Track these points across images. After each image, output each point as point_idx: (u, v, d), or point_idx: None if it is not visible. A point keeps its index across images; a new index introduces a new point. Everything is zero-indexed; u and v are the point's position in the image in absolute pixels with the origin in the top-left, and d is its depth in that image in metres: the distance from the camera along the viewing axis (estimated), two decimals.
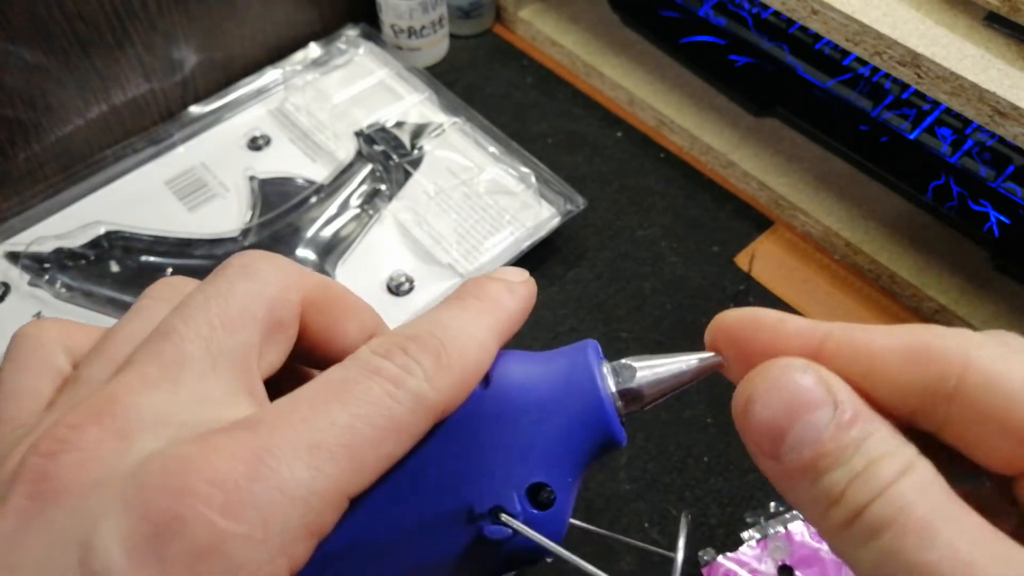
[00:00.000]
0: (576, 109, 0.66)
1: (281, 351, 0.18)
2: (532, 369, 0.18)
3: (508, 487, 0.17)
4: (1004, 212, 0.52)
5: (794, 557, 0.43)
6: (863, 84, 0.57)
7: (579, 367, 0.18)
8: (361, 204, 0.57)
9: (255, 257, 0.18)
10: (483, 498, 0.17)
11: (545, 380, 0.18)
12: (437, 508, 0.17)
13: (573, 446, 0.18)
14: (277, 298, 0.18)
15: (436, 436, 0.17)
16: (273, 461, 0.14)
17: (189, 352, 0.16)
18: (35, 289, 0.52)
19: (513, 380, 0.18)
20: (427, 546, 0.17)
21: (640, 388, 0.19)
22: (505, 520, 0.17)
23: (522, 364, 0.18)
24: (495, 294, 0.19)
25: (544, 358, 0.19)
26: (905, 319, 0.54)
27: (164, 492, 0.14)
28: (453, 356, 0.17)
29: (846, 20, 0.46)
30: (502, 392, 0.18)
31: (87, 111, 0.57)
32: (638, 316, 0.53)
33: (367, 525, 0.17)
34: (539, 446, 0.18)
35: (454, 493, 0.17)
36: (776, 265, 0.56)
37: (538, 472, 0.17)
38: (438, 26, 0.66)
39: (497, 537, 0.17)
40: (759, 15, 0.61)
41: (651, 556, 0.33)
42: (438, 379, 0.17)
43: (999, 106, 0.42)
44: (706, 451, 0.48)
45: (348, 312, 0.20)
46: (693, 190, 0.61)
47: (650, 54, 0.67)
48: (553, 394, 0.18)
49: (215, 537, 0.14)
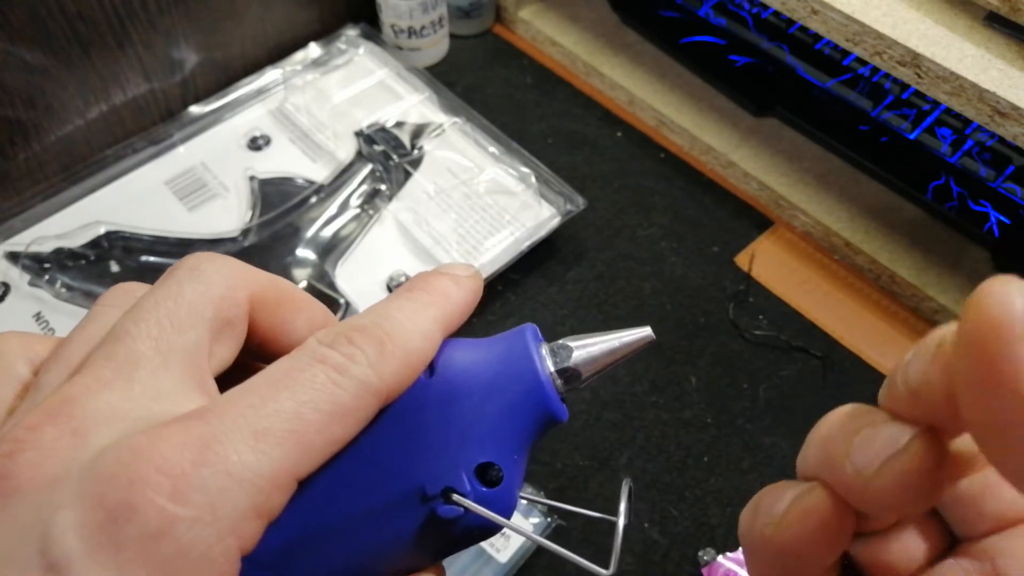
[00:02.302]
0: (576, 109, 0.66)
1: (231, 348, 0.19)
2: (475, 355, 0.19)
3: (457, 468, 0.18)
4: (1004, 212, 0.52)
5: None
6: (863, 84, 0.57)
7: (518, 350, 0.20)
8: (361, 204, 0.57)
9: (202, 259, 0.19)
10: (434, 480, 0.18)
11: (487, 364, 0.19)
12: (389, 491, 0.18)
13: (517, 425, 0.19)
14: (224, 297, 0.19)
15: (384, 422, 0.18)
16: (220, 447, 0.15)
17: (141, 352, 0.17)
18: (35, 289, 0.52)
19: (457, 366, 0.19)
20: (380, 528, 0.18)
21: (577, 367, 0.20)
22: (456, 500, 0.18)
23: (465, 350, 0.20)
24: (441, 287, 0.20)
25: (486, 344, 0.20)
26: (905, 319, 0.54)
27: (116, 481, 0.15)
28: (397, 344, 0.18)
29: (846, 20, 0.46)
30: (447, 378, 0.19)
31: (87, 111, 0.57)
32: (638, 316, 0.53)
33: (319, 509, 0.17)
34: (484, 427, 0.19)
35: (405, 476, 0.18)
36: (776, 265, 0.56)
37: (485, 452, 0.18)
38: (438, 26, 0.66)
39: (450, 516, 0.18)
40: (759, 15, 0.61)
41: (599, 524, 0.34)
42: (382, 366, 0.17)
43: (999, 106, 0.42)
44: (706, 451, 0.48)
45: (297, 308, 0.21)
46: (693, 190, 0.61)
47: (650, 54, 0.67)
48: (495, 377, 0.19)
49: (164, 521, 0.15)
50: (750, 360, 0.52)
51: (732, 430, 0.49)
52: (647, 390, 0.50)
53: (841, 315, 0.54)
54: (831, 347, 0.52)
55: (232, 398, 0.16)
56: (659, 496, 0.46)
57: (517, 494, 0.19)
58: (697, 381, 0.51)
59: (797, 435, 0.49)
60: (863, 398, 0.57)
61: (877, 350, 0.52)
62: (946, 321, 0.59)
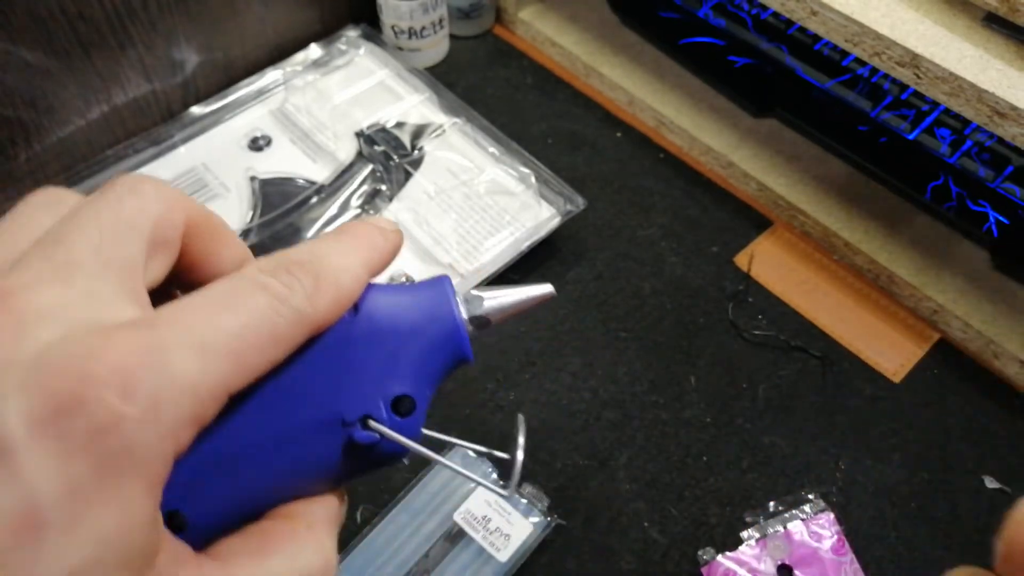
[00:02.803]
0: (576, 110, 0.66)
1: (163, 267, 0.20)
2: (396, 299, 0.22)
3: (376, 398, 0.20)
4: (1003, 212, 0.52)
5: (793, 556, 0.43)
6: (862, 85, 0.57)
7: (438, 297, 0.22)
8: (362, 204, 0.57)
9: (141, 179, 0.20)
10: (353, 408, 0.20)
11: (408, 308, 0.21)
12: (309, 416, 0.20)
13: (431, 364, 0.21)
14: (162, 216, 0.19)
15: (310, 353, 0.20)
16: (167, 355, 0.16)
17: (80, 257, 0.17)
18: None
19: (380, 307, 0.21)
20: (301, 449, 0.20)
21: (487, 314, 0.23)
22: (373, 426, 0.20)
23: (387, 294, 0.22)
24: (369, 234, 0.21)
25: (405, 290, 0.22)
26: (904, 319, 0.54)
27: (66, 375, 0.15)
28: (330, 281, 0.19)
29: (845, 21, 0.46)
30: (371, 317, 0.21)
31: (88, 111, 0.57)
32: (637, 316, 0.54)
33: (246, 425, 0.19)
34: (403, 363, 0.21)
35: (325, 403, 0.20)
36: (775, 265, 0.57)
37: (402, 386, 0.21)
38: (438, 27, 0.67)
39: (366, 441, 0.20)
40: (758, 16, 0.61)
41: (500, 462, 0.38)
42: (316, 299, 0.19)
43: (998, 106, 0.42)
44: (705, 451, 0.48)
45: (225, 241, 0.22)
46: (692, 190, 0.61)
47: (650, 55, 0.67)
48: (415, 319, 0.21)
49: (113, 417, 0.15)
50: (749, 360, 0.52)
51: (731, 429, 0.49)
52: (646, 390, 0.50)
53: (840, 315, 0.54)
54: (830, 347, 0.52)
55: (176, 311, 0.17)
56: (658, 495, 0.46)
57: (423, 425, 0.21)
58: (696, 381, 0.51)
59: (796, 434, 0.49)
60: (862, 398, 0.57)
61: (876, 350, 0.52)
62: (945, 321, 0.59)
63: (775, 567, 0.43)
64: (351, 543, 0.43)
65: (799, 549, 0.43)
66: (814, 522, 0.44)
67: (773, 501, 0.46)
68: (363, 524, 0.45)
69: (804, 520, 0.44)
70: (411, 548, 0.43)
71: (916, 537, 0.45)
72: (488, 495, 0.44)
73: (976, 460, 0.48)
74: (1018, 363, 0.51)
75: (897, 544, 0.45)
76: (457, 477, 0.45)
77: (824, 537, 0.44)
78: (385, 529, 0.44)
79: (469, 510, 0.44)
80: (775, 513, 0.45)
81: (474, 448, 0.24)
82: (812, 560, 0.43)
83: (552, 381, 0.51)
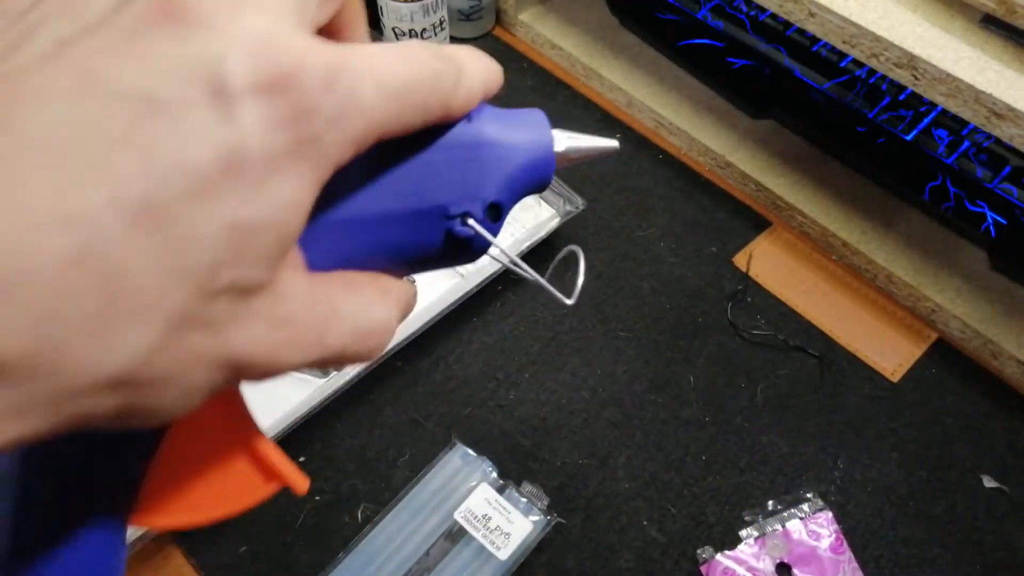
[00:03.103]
0: (575, 111, 0.66)
1: (328, 13, 0.21)
2: (504, 118, 0.25)
3: (476, 200, 0.23)
4: (1001, 212, 0.52)
5: (792, 555, 0.43)
6: (860, 86, 0.57)
7: (538, 124, 0.26)
8: None
9: None
10: (457, 204, 0.23)
11: (513, 127, 0.25)
12: (420, 202, 0.23)
13: (522, 180, 0.25)
14: None
15: (428, 148, 0.22)
16: (354, 76, 0.17)
17: None
18: None
19: (489, 121, 0.24)
20: (405, 229, 0.23)
21: (568, 151, 0.27)
22: (470, 224, 0.23)
23: (496, 112, 0.25)
24: (488, 61, 0.23)
25: (511, 113, 0.25)
26: (902, 318, 0.55)
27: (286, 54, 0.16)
28: (467, 80, 0.21)
29: (843, 22, 0.47)
30: (480, 128, 0.24)
31: None
32: (637, 316, 0.54)
33: (367, 195, 0.22)
34: (501, 174, 0.24)
35: (434, 195, 0.23)
36: (774, 265, 0.57)
37: (497, 194, 0.24)
38: (439, 29, 0.67)
39: (463, 235, 0.23)
40: (757, 17, 0.61)
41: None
42: (457, 90, 0.21)
43: (995, 107, 0.43)
44: (704, 450, 0.48)
45: (363, 19, 0.23)
46: (691, 191, 0.61)
47: (649, 56, 0.68)
48: (518, 139, 0.25)
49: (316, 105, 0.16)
50: (748, 359, 0.52)
51: (730, 429, 0.49)
52: (646, 389, 0.51)
53: (838, 315, 0.54)
54: (828, 346, 0.53)
55: (357, 49, 0.18)
56: (658, 494, 0.46)
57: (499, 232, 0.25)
58: (695, 380, 0.51)
59: (795, 434, 0.49)
60: (860, 397, 0.57)
61: (874, 349, 0.53)
62: (943, 321, 0.59)
63: (774, 566, 0.43)
64: (352, 541, 0.44)
65: (797, 548, 0.44)
66: (812, 521, 0.44)
67: (772, 500, 0.46)
68: (364, 523, 0.45)
69: (802, 519, 0.44)
70: (412, 546, 0.43)
71: (914, 536, 0.45)
72: (487, 494, 0.44)
73: (974, 459, 0.48)
74: (1016, 362, 0.51)
75: (895, 543, 0.45)
76: (456, 477, 0.45)
77: (822, 536, 0.44)
78: (386, 527, 0.44)
79: (469, 509, 0.44)
80: (774, 512, 0.45)
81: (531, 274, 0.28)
82: (810, 559, 0.43)
83: (552, 380, 0.51)
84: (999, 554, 0.45)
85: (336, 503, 0.46)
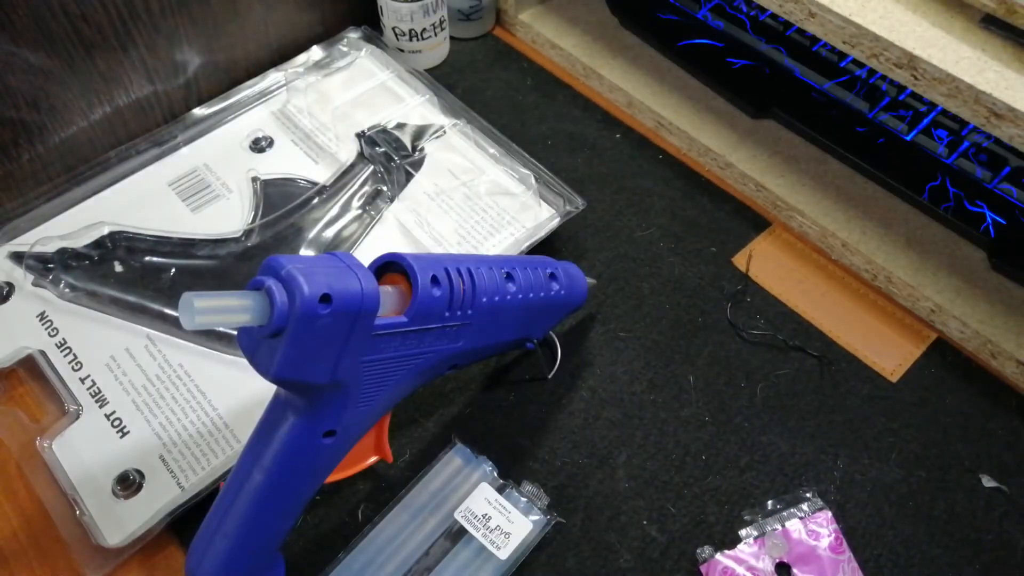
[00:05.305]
0: (575, 111, 0.66)
1: None
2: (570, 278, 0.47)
3: (538, 333, 0.46)
4: (1000, 213, 0.52)
5: (791, 554, 0.43)
6: (860, 86, 0.57)
7: (582, 282, 0.49)
8: (363, 205, 0.58)
9: None
10: (533, 335, 0.46)
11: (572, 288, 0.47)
12: (516, 331, 0.44)
13: (563, 316, 0.48)
14: None
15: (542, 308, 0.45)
16: None
17: None
18: (39, 289, 0.52)
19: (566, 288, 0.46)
20: (504, 345, 0.44)
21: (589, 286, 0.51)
22: (532, 343, 0.46)
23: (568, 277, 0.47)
24: None
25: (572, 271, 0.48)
26: (901, 319, 0.55)
27: None
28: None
29: (843, 22, 0.47)
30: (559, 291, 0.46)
31: (91, 113, 0.58)
32: (637, 316, 0.54)
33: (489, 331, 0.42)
34: (558, 318, 0.48)
35: (523, 330, 0.44)
36: (773, 265, 0.57)
37: (545, 331, 0.48)
38: (439, 29, 0.67)
39: (530, 347, 0.47)
40: (757, 17, 0.61)
41: None
42: None
43: (995, 108, 0.43)
44: (704, 449, 0.48)
45: None
46: (691, 191, 0.61)
47: (649, 56, 0.68)
48: (572, 297, 0.47)
49: None
50: (748, 359, 0.52)
51: (730, 429, 0.49)
52: (646, 389, 0.51)
53: (838, 315, 0.54)
54: (828, 346, 0.53)
55: None
56: (657, 494, 0.47)
57: None
58: (695, 380, 0.51)
59: (794, 433, 0.49)
60: (860, 397, 0.58)
61: (873, 349, 0.53)
62: (942, 320, 0.59)
63: (773, 565, 0.43)
64: (352, 541, 0.44)
65: (797, 547, 0.44)
66: (812, 520, 0.45)
67: (771, 499, 0.46)
68: (364, 522, 0.45)
69: (802, 518, 0.45)
70: (412, 546, 0.43)
71: (914, 535, 0.45)
72: (487, 494, 0.44)
73: (973, 459, 0.48)
74: (1015, 362, 0.51)
75: (895, 542, 0.45)
76: (456, 476, 0.46)
77: (822, 535, 0.44)
78: (386, 527, 0.44)
79: (469, 508, 0.44)
80: (773, 511, 0.45)
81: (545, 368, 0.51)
82: (810, 558, 0.43)
83: (551, 380, 0.51)
84: (998, 554, 0.45)
85: (336, 503, 0.46)
